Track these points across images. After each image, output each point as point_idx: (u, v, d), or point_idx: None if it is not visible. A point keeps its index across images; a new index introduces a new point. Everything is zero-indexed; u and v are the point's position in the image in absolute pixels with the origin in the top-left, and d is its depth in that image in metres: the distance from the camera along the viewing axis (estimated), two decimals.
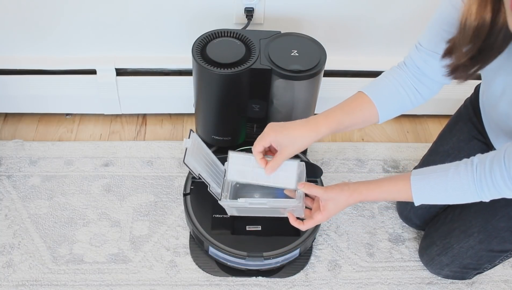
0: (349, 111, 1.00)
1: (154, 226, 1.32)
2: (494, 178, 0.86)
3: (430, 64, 0.97)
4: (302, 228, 1.02)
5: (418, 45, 0.99)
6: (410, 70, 1.01)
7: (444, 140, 1.26)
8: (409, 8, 1.39)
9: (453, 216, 1.20)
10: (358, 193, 0.98)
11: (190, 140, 1.02)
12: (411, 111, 1.64)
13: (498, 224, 1.11)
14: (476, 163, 0.89)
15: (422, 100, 1.03)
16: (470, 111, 1.21)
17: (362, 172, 1.48)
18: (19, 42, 1.41)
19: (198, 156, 1.03)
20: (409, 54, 1.02)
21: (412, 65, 1.00)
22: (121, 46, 1.44)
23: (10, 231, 1.29)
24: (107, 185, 1.40)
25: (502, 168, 0.84)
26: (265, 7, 1.36)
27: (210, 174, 1.06)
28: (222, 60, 1.14)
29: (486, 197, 0.89)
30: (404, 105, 1.03)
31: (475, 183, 0.88)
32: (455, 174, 0.91)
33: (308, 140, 0.97)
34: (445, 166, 0.94)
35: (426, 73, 0.99)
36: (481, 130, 1.17)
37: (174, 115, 1.63)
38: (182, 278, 1.23)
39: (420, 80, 1.00)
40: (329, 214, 0.99)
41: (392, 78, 1.02)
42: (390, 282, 1.25)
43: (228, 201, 1.05)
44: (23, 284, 1.20)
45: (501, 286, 1.27)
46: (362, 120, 1.01)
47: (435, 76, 0.99)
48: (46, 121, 1.59)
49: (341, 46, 1.47)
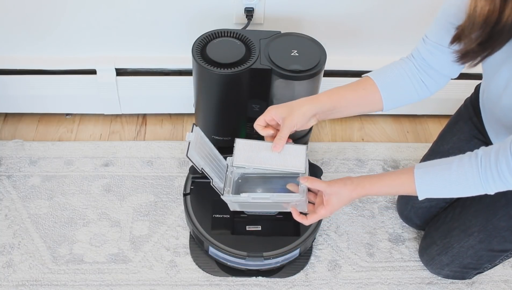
0: (352, 87, 1.00)
1: (154, 226, 1.32)
2: (500, 169, 0.84)
3: (436, 56, 0.97)
4: (305, 222, 1.01)
5: (425, 37, 0.99)
6: (417, 62, 1.01)
7: (444, 139, 1.26)
8: (409, 8, 1.39)
9: (453, 215, 1.20)
10: (361, 187, 0.97)
11: (193, 134, 1.01)
12: (411, 111, 1.65)
13: (498, 223, 1.10)
14: (480, 155, 0.88)
15: (428, 92, 1.03)
16: (470, 110, 1.21)
17: (362, 172, 1.48)
18: (19, 42, 1.41)
19: (201, 150, 1.03)
20: (416, 47, 1.02)
21: (419, 57, 1.00)
22: (121, 46, 1.44)
23: (10, 231, 1.29)
24: (107, 185, 1.40)
25: (509, 159, 0.83)
26: (265, 7, 1.36)
27: (213, 168, 1.05)
28: (222, 60, 1.14)
29: (491, 189, 0.88)
30: (409, 95, 1.02)
31: (480, 175, 0.87)
32: (459, 166, 0.89)
33: (309, 108, 0.97)
34: (449, 159, 0.93)
35: (433, 65, 0.99)
36: (481, 129, 1.17)
37: (174, 115, 1.63)
38: (182, 278, 1.23)
39: (427, 73, 1.00)
40: (333, 208, 0.98)
41: (399, 67, 1.02)
42: (390, 282, 1.25)
43: (230, 196, 1.04)
44: (23, 284, 1.20)
45: (501, 286, 1.27)
46: (365, 102, 1.00)
47: (441, 68, 0.99)
48: (46, 121, 1.59)
49: (341, 46, 1.47)
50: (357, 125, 1.64)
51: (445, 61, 0.97)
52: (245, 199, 1.03)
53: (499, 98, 0.97)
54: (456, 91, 1.30)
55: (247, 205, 1.08)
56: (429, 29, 0.99)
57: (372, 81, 1.00)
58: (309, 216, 1.00)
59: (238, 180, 1.12)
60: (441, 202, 1.26)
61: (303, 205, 1.02)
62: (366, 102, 1.01)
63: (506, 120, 0.99)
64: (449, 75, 1.01)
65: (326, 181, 0.99)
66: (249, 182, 1.11)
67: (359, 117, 1.66)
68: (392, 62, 1.04)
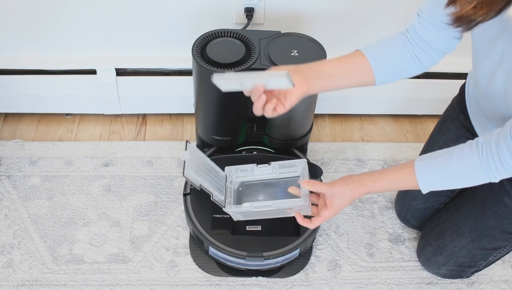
0: (341, 60, 0.98)
1: (154, 226, 1.32)
2: (502, 156, 0.83)
3: (430, 31, 0.96)
4: (310, 226, 1.00)
5: (419, 11, 0.97)
6: (411, 36, 0.99)
7: (434, 140, 1.26)
8: (409, 9, 1.39)
9: (446, 216, 1.21)
10: (363, 185, 0.96)
11: (187, 152, 1.00)
12: (411, 111, 1.65)
13: (487, 223, 1.11)
14: (481, 142, 0.87)
15: (422, 67, 1.01)
16: (456, 109, 1.20)
17: (362, 172, 1.48)
18: (19, 42, 1.41)
19: (197, 166, 1.02)
20: (411, 22, 1.00)
21: (413, 31, 0.99)
22: (121, 46, 1.44)
23: (10, 231, 1.29)
24: (107, 185, 1.40)
25: (510, 144, 0.82)
26: (265, 7, 1.36)
27: (211, 182, 1.04)
28: (222, 60, 1.14)
29: (494, 177, 0.87)
30: (403, 69, 1.00)
31: (481, 163, 0.86)
32: (460, 156, 0.88)
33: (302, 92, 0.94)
34: (449, 149, 0.91)
35: (427, 40, 0.97)
36: (468, 127, 1.16)
37: (174, 115, 1.63)
38: (182, 278, 1.23)
39: (421, 47, 0.99)
40: (337, 209, 0.97)
41: (392, 40, 1.00)
42: (390, 282, 1.25)
43: (232, 207, 1.03)
44: (23, 284, 1.20)
45: (501, 286, 1.27)
46: (355, 73, 0.98)
47: (435, 43, 0.97)
48: (46, 121, 1.59)
49: (341, 46, 1.47)
50: (357, 125, 1.64)
51: (439, 35, 0.95)
52: (247, 208, 1.03)
53: (491, 79, 0.95)
54: (456, 91, 1.30)
55: (250, 214, 1.07)
56: (423, 3, 0.97)
57: (363, 55, 0.98)
58: (314, 219, 0.99)
59: (239, 188, 1.11)
60: (435, 203, 1.26)
61: (307, 208, 1.01)
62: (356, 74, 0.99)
63: (491, 111, 0.97)
64: (443, 50, 0.99)
65: (327, 183, 0.98)
66: (250, 189, 1.11)
67: (359, 117, 1.66)
68: (386, 36, 1.02)
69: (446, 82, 1.52)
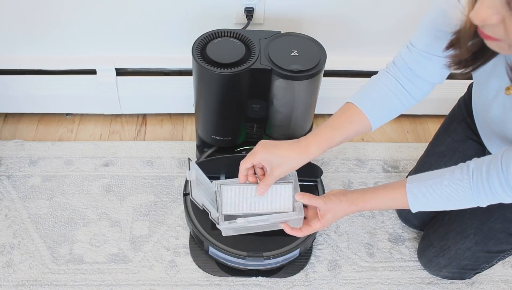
0: (339, 126, 0.98)
1: (154, 226, 1.32)
2: (492, 184, 0.85)
3: (423, 65, 0.95)
4: (299, 235, 1.02)
5: (410, 45, 0.96)
6: (401, 72, 0.99)
7: (439, 140, 1.26)
8: (409, 9, 1.39)
9: (450, 217, 1.20)
10: (355, 204, 0.98)
11: (192, 171, 0.99)
12: (411, 111, 1.65)
13: (494, 225, 1.11)
14: (472, 168, 0.88)
15: (414, 101, 1.01)
16: (463, 111, 1.20)
17: (362, 172, 1.48)
18: (19, 42, 1.41)
19: (200, 186, 1.01)
20: (400, 55, 0.99)
21: (404, 66, 0.98)
22: (121, 46, 1.44)
23: (10, 231, 1.29)
24: (107, 185, 1.40)
25: (500, 174, 0.84)
26: (265, 7, 1.36)
27: (209, 200, 1.02)
28: (222, 60, 1.14)
29: (483, 202, 0.89)
30: (395, 109, 1.01)
31: (471, 189, 0.88)
32: (451, 180, 0.90)
33: (298, 162, 0.97)
34: (441, 171, 0.93)
35: (419, 74, 0.97)
36: (474, 130, 1.16)
37: (174, 115, 1.63)
38: (182, 278, 1.23)
39: (412, 82, 0.98)
40: (327, 223, 0.99)
41: (380, 83, 1.00)
42: (390, 282, 1.25)
43: (226, 223, 1.01)
44: (23, 284, 1.20)
45: (501, 286, 1.27)
46: (355, 132, 1.00)
47: (427, 76, 0.97)
48: (46, 121, 1.59)
49: (341, 46, 1.47)
50: None
51: (432, 68, 0.95)
52: (242, 224, 1.02)
53: (489, 106, 0.96)
54: (456, 91, 1.30)
55: (243, 229, 1.05)
56: (414, 37, 0.95)
57: (357, 108, 0.98)
58: (303, 228, 1.01)
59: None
60: None
61: (300, 222, 1.02)
62: (355, 132, 1.00)
63: (497, 129, 0.98)
64: (435, 82, 0.99)
65: (322, 197, 0.99)
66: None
67: None
68: (371, 79, 1.02)
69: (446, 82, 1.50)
